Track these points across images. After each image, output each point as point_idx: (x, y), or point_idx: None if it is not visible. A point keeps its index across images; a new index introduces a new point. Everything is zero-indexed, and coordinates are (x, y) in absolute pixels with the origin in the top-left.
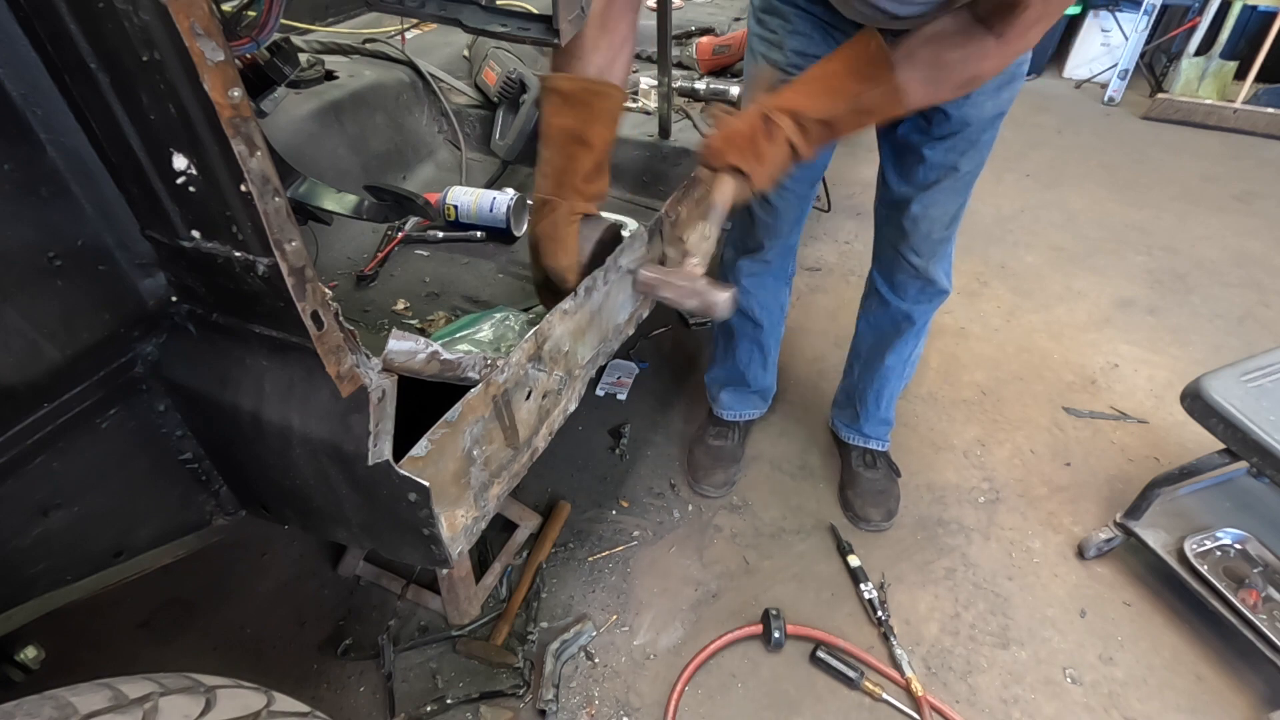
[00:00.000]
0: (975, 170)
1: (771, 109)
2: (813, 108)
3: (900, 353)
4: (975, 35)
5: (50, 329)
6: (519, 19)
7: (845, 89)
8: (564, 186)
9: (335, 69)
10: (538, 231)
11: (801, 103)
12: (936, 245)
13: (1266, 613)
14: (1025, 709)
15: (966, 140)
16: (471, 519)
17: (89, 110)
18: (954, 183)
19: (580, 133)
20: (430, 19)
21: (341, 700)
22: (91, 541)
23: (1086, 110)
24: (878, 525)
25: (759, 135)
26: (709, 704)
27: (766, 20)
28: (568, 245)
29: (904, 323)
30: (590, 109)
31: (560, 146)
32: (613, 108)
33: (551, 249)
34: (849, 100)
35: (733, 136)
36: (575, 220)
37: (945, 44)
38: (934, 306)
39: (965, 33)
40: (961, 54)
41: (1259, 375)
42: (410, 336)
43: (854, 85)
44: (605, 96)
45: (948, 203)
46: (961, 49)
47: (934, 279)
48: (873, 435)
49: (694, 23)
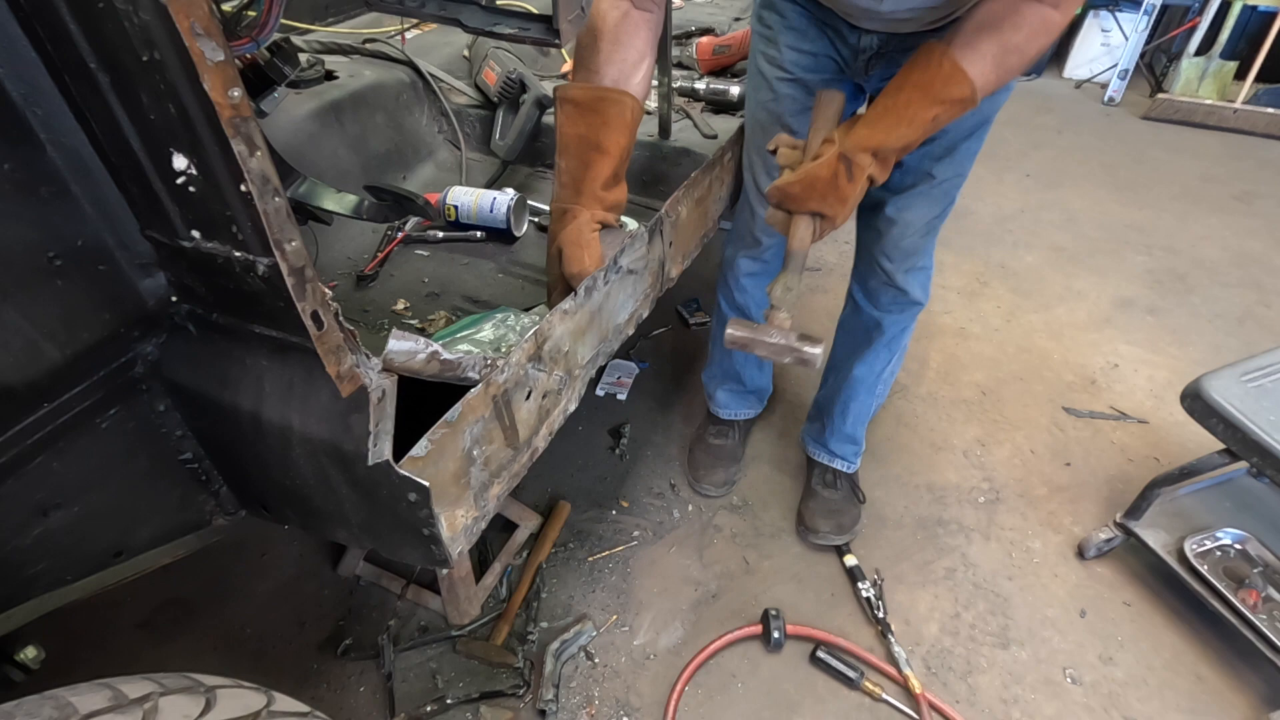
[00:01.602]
0: (953, 180)
1: (853, 150)
2: (893, 140)
3: (870, 364)
4: (1028, 11)
5: (50, 329)
6: (519, 19)
7: (924, 115)
8: (583, 194)
9: (335, 69)
10: (561, 239)
11: (882, 139)
12: (909, 254)
13: (1266, 613)
14: (1025, 709)
15: (943, 147)
16: (471, 519)
17: (89, 110)
18: (929, 189)
19: (595, 139)
20: (430, 19)
21: (341, 700)
22: (91, 541)
23: (1086, 110)
24: (826, 537)
25: (841, 179)
26: (709, 704)
27: (765, 16)
28: (594, 251)
29: (874, 331)
30: (603, 116)
31: (576, 154)
32: (627, 115)
33: (577, 255)
34: (928, 124)
35: (814, 183)
36: (597, 229)
37: (1005, 29)
38: (906, 318)
39: (1018, 12)
40: (1026, 34)
41: (1259, 375)
42: (410, 336)
43: (933, 109)
44: (618, 104)
45: (922, 209)
46: (1024, 29)
47: (906, 289)
48: (838, 453)
49: (694, 23)
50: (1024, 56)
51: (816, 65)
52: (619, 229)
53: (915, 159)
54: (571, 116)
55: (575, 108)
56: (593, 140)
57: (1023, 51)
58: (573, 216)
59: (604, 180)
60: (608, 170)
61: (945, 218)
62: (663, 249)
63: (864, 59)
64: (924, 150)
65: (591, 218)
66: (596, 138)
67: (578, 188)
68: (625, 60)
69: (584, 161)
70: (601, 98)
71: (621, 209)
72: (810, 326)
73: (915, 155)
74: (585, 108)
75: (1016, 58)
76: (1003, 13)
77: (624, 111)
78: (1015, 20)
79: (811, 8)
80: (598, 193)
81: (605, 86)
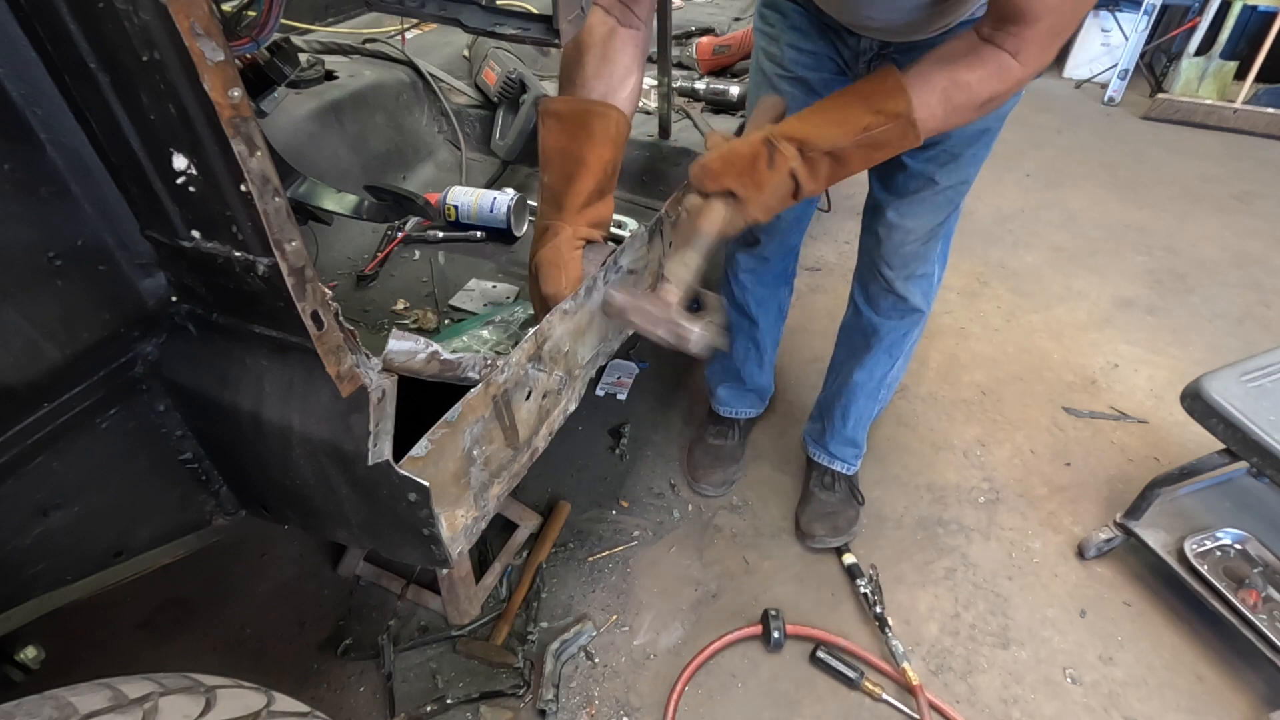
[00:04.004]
0: (957, 187)
1: (777, 135)
2: (820, 137)
3: (870, 370)
4: (988, 55)
5: (50, 329)
6: (519, 19)
7: (856, 121)
8: (565, 210)
9: (335, 69)
10: (539, 258)
11: (808, 132)
12: (909, 260)
13: (1266, 613)
14: (1025, 709)
15: (947, 153)
16: (471, 519)
17: (89, 110)
18: (932, 195)
19: (578, 153)
20: (430, 19)
21: (341, 700)
22: (91, 541)
23: (1086, 110)
24: (822, 540)
25: (760, 161)
26: (709, 704)
27: (767, 15)
28: (571, 271)
29: (873, 336)
30: (587, 129)
31: (558, 169)
32: (611, 129)
33: (554, 275)
34: (859, 132)
35: (732, 159)
36: (579, 246)
37: (960, 65)
38: (906, 325)
39: (976, 53)
40: (979, 75)
41: (1259, 375)
42: (410, 336)
43: (866, 117)
44: (603, 118)
45: (924, 215)
46: (978, 70)
47: (906, 295)
48: (838, 455)
49: (694, 23)
50: (973, 96)
51: (817, 65)
52: (603, 245)
53: (918, 164)
54: (554, 130)
55: (558, 121)
56: (575, 154)
57: (973, 91)
58: (554, 233)
59: (586, 195)
60: (590, 185)
61: (952, 226)
62: (663, 249)
63: (865, 60)
64: (927, 155)
65: (573, 234)
66: (579, 151)
67: (559, 203)
68: (612, 76)
69: (566, 176)
70: (586, 110)
71: (607, 226)
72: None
73: (918, 160)
74: (568, 121)
75: (965, 95)
76: (963, 50)
77: (608, 125)
78: (972, 60)
79: (812, 9)
80: (580, 208)
81: (590, 99)
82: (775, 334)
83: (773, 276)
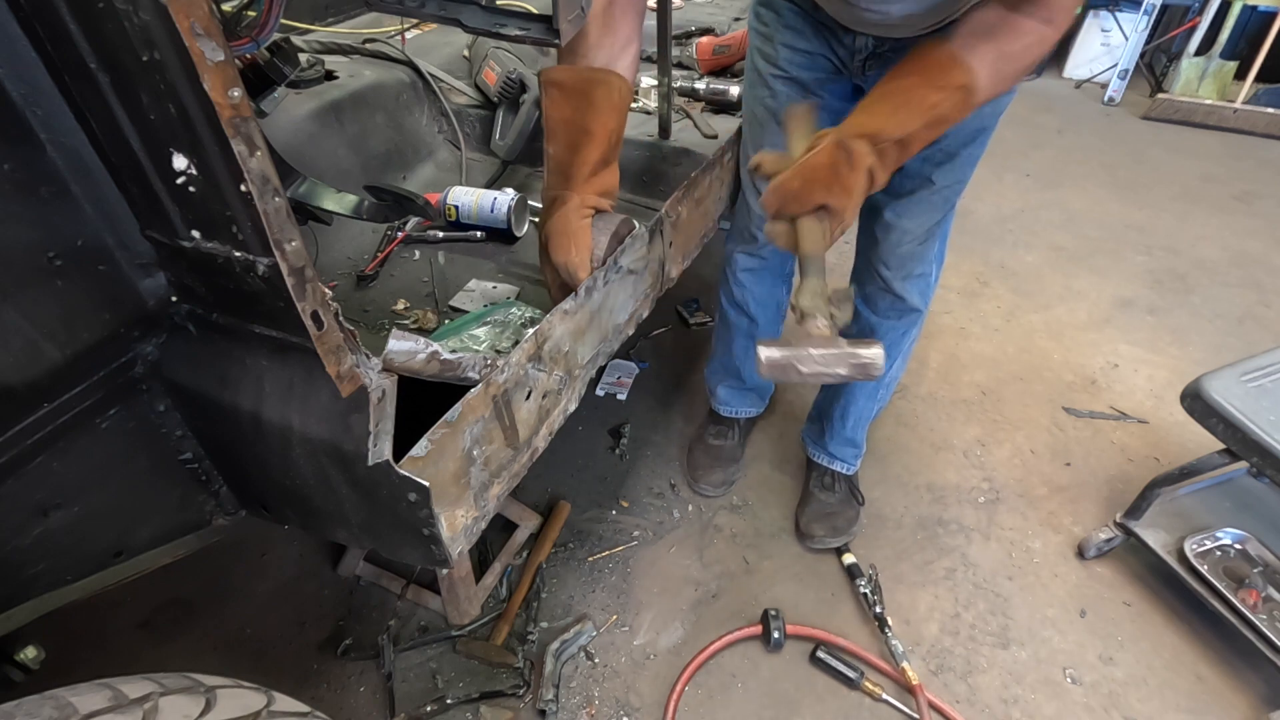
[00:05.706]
0: (953, 186)
1: (849, 136)
2: (894, 126)
3: None
4: (1023, 24)
5: (50, 329)
6: (519, 19)
7: (922, 100)
8: (572, 179)
9: (335, 69)
10: (548, 228)
11: (881, 124)
12: (906, 260)
13: (1266, 613)
14: (1025, 709)
15: (944, 153)
16: (471, 519)
17: (89, 110)
18: (929, 195)
19: (583, 123)
20: (430, 19)
21: (341, 700)
22: (91, 541)
23: (1086, 110)
24: (822, 541)
25: (841, 166)
26: (709, 704)
27: (762, 13)
28: (580, 240)
29: (871, 336)
30: (590, 98)
31: (563, 139)
32: (614, 96)
33: (564, 244)
34: (928, 112)
35: (812, 174)
36: (588, 215)
37: (1002, 37)
38: (905, 324)
39: (1011, 23)
40: (1023, 44)
41: (1259, 375)
42: (410, 336)
43: (932, 95)
44: (606, 85)
45: (921, 215)
46: (1021, 39)
47: (903, 296)
48: (837, 456)
49: (694, 23)
50: (1019, 65)
51: (812, 64)
52: (611, 214)
53: (916, 164)
54: (557, 100)
55: (561, 91)
56: (580, 123)
57: (1018, 60)
58: (561, 203)
59: (593, 164)
60: (596, 154)
61: (947, 225)
62: (663, 249)
63: (860, 59)
64: (924, 155)
65: (581, 203)
66: (584, 121)
67: (565, 173)
68: (614, 44)
69: (571, 146)
70: (589, 79)
71: (614, 194)
72: None
73: (916, 160)
74: (572, 90)
75: (1012, 65)
76: (998, 22)
77: (612, 93)
78: (1011, 31)
79: (807, 7)
80: (587, 178)
81: (592, 67)
82: (775, 333)
83: (771, 275)
